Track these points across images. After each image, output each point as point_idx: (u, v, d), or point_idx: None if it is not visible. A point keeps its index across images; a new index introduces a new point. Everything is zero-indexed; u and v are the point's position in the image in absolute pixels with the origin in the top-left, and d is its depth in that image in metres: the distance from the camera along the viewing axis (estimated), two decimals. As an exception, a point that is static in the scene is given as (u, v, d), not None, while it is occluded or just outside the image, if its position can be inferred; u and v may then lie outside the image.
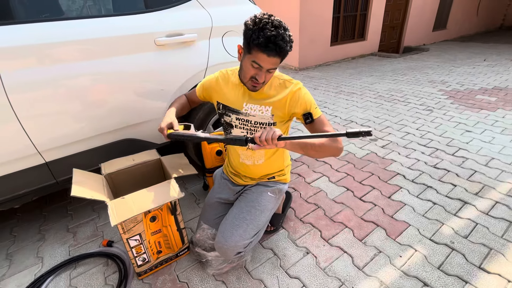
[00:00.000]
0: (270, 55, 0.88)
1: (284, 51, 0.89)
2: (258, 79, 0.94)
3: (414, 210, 1.51)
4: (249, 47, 0.90)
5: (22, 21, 1.13)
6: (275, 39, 0.85)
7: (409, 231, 1.37)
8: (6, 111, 1.10)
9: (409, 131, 2.47)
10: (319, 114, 1.04)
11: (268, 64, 0.91)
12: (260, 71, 0.93)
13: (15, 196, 1.25)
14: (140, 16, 1.36)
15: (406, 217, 1.47)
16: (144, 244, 1.11)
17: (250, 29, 0.88)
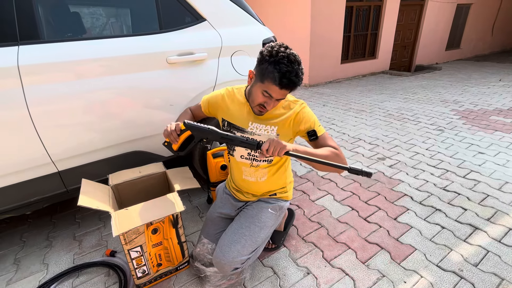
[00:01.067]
0: (283, 89, 0.92)
1: (296, 86, 0.94)
2: (266, 106, 0.99)
3: (421, 234, 1.46)
4: (262, 77, 0.94)
5: (46, 41, 1.23)
6: (289, 75, 0.89)
7: (415, 256, 1.32)
8: (26, 123, 1.18)
9: (418, 151, 2.43)
10: (322, 131, 1.08)
11: (279, 95, 0.96)
12: (270, 100, 0.98)
13: (28, 202, 1.31)
14: (154, 36, 1.45)
15: (413, 240, 1.42)
16: (144, 256, 1.13)
17: (266, 60, 0.91)
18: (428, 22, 6.74)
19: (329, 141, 1.06)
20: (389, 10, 5.83)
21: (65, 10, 1.55)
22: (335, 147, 1.05)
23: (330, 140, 1.07)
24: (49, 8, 1.38)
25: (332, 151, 1.01)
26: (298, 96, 4.73)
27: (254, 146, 0.92)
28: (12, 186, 1.23)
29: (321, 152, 1.00)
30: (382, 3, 5.75)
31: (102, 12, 1.66)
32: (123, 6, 1.69)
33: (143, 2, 1.48)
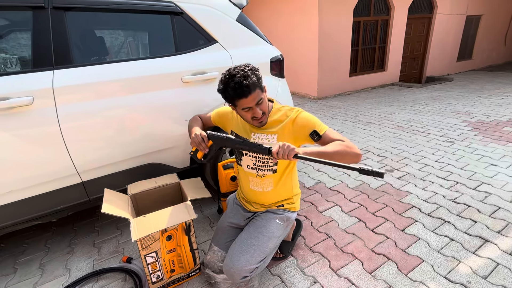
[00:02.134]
0: (247, 95, 1.03)
1: (251, 84, 1.02)
2: (256, 115, 1.09)
3: (428, 245, 1.47)
4: (231, 102, 1.09)
5: (76, 65, 1.38)
6: (240, 85, 1.01)
7: (422, 267, 1.33)
8: (57, 138, 1.32)
9: (427, 162, 2.43)
10: (325, 129, 1.11)
11: (252, 102, 1.05)
12: (252, 109, 1.08)
13: (55, 210, 1.43)
14: (171, 58, 1.59)
15: (420, 252, 1.43)
16: (159, 262, 1.21)
17: (222, 91, 1.08)
18: (437, 34, 6.76)
19: (334, 135, 1.08)
20: (397, 23, 5.92)
21: (92, 36, 1.73)
22: (341, 139, 1.06)
23: (335, 134, 1.09)
24: (79, 35, 1.55)
25: (340, 144, 1.03)
26: (308, 108, 4.83)
27: (266, 151, 1.00)
28: (42, 195, 1.36)
29: (331, 148, 1.01)
30: (389, 17, 5.85)
31: (124, 38, 1.84)
32: (143, 31, 1.86)
33: (161, 27, 1.64)
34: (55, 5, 1.32)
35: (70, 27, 1.38)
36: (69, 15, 1.38)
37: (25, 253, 1.62)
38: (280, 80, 1.98)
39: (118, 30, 1.77)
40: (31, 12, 1.29)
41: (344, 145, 1.03)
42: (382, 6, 5.72)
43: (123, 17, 1.60)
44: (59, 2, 1.33)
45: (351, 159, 1.02)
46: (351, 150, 1.02)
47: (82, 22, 1.53)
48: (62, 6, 1.34)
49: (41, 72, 1.29)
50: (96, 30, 1.81)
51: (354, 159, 1.03)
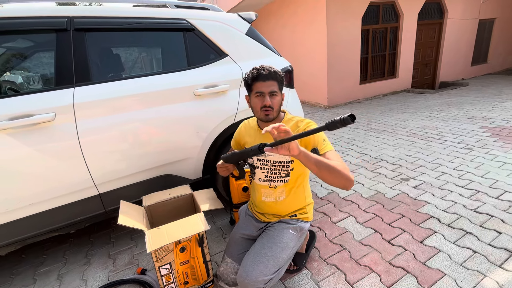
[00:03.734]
0: (264, 79, 1.10)
1: (272, 73, 1.11)
2: (265, 103, 1.12)
3: (450, 258, 1.40)
4: (249, 87, 1.17)
5: (94, 82, 1.45)
6: (262, 69, 1.12)
7: (444, 281, 1.27)
8: (76, 151, 1.37)
9: (445, 170, 2.35)
10: (326, 150, 1.09)
11: (267, 88, 1.11)
12: (264, 97, 1.12)
13: (73, 222, 1.47)
14: (183, 72, 1.64)
15: (441, 265, 1.36)
16: (173, 274, 1.21)
17: (246, 74, 1.17)
18: (449, 39, 6.66)
19: (333, 158, 1.05)
20: (407, 30, 5.88)
21: (109, 54, 1.82)
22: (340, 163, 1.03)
23: (336, 157, 1.06)
24: (97, 53, 1.64)
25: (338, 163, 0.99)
26: (318, 117, 4.81)
27: (256, 149, 0.96)
28: (62, 207, 1.41)
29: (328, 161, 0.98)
30: (399, 25, 5.83)
31: (138, 54, 1.92)
32: (156, 47, 1.94)
33: (174, 43, 1.70)
34: (77, 27, 1.41)
35: (89, 47, 1.46)
36: (89, 35, 1.46)
37: (44, 264, 1.67)
38: (290, 90, 2.00)
39: (133, 47, 1.87)
40: (55, 34, 1.38)
41: (341, 166, 0.99)
42: (391, 14, 5.72)
43: (138, 35, 1.69)
44: (80, 25, 1.42)
45: (344, 182, 0.98)
46: (346, 173, 0.98)
47: (101, 41, 1.62)
48: (83, 28, 1.42)
49: (63, 90, 1.36)
50: (112, 48, 1.90)
51: (346, 183, 0.98)
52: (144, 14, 1.58)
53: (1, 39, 1.56)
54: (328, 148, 1.10)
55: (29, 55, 1.78)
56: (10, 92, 1.75)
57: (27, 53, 1.79)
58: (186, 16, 1.68)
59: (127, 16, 1.54)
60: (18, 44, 1.68)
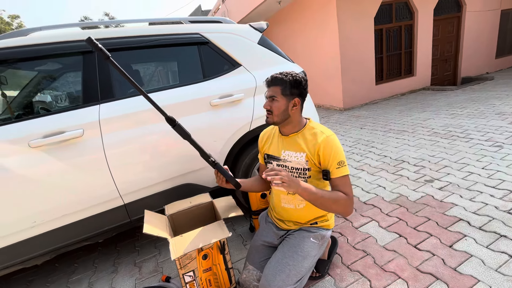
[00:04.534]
0: (268, 85, 1.19)
1: (274, 78, 1.16)
2: (265, 107, 1.19)
3: (483, 263, 1.32)
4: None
5: (117, 98, 1.53)
6: (273, 75, 1.17)
7: (478, 288, 1.20)
8: (103, 164, 1.45)
9: (472, 170, 2.23)
10: (338, 175, 1.11)
11: (269, 92, 1.18)
12: (267, 101, 1.20)
13: (102, 231, 1.55)
14: (199, 84, 1.70)
15: (474, 271, 1.29)
16: (196, 281, 1.23)
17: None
18: (469, 33, 6.38)
19: (342, 186, 1.11)
20: (422, 27, 5.72)
21: (129, 71, 1.92)
22: (347, 193, 1.11)
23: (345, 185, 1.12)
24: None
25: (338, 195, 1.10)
26: (334, 120, 4.75)
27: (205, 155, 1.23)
28: (91, 217, 1.49)
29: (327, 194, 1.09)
30: (413, 22, 5.68)
31: (156, 69, 2.02)
32: (173, 61, 2.03)
33: (190, 57, 1.77)
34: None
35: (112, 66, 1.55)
36: (112, 55, 1.56)
37: (76, 272, 1.76)
38: (304, 95, 2.00)
39: (152, 62, 1.97)
40: (82, 56, 1.49)
41: (337, 200, 1.09)
42: (405, 11, 5.60)
43: (156, 51, 1.77)
44: (104, 46, 1.51)
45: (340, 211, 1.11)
46: (340, 208, 1.10)
47: (122, 60, 1.72)
48: (106, 49, 1.52)
49: (90, 107, 1.45)
50: (133, 65, 2.01)
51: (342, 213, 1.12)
52: (161, 31, 1.67)
53: (34, 64, 1.70)
54: (339, 174, 1.11)
55: (59, 76, 1.93)
56: (42, 111, 1.90)
57: (57, 74, 1.93)
58: (200, 30, 1.75)
59: (145, 34, 1.63)
60: (49, 66, 1.82)
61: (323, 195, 1.07)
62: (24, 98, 1.97)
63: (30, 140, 1.31)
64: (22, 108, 1.91)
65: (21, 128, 1.34)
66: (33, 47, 1.42)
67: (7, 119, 1.84)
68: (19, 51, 1.39)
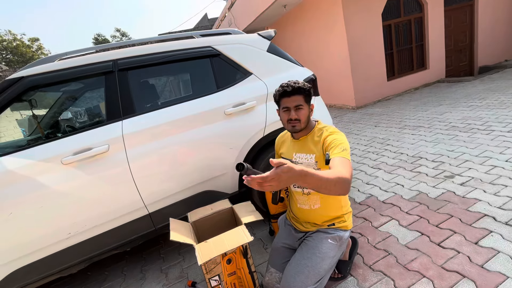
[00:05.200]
0: (289, 95, 1.20)
1: (297, 88, 1.18)
2: (291, 117, 1.20)
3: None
4: (277, 102, 1.27)
5: (137, 113, 1.62)
6: (287, 85, 1.20)
7: (507, 285, 1.17)
8: (127, 176, 1.54)
9: (495, 163, 2.16)
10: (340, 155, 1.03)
11: (292, 102, 1.20)
12: (290, 111, 1.21)
13: (129, 240, 1.64)
14: (213, 95, 1.77)
15: (503, 267, 1.26)
16: (222, 285, 1.28)
17: (274, 95, 1.28)
18: (484, 21, 6.16)
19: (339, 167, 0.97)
20: (433, 18, 5.58)
21: (147, 87, 2.03)
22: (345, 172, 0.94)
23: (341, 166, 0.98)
24: (138, 87, 1.83)
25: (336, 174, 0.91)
26: (347, 119, 4.72)
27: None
28: (119, 227, 1.58)
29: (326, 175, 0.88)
30: (423, 14, 5.56)
31: (173, 83, 2.11)
32: (188, 75, 2.12)
33: (203, 70, 1.85)
34: (120, 68, 1.61)
35: (131, 83, 1.65)
36: (130, 73, 1.66)
37: (107, 280, 1.86)
38: (315, 98, 2.03)
39: (168, 77, 2.07)
40: (104, 76, 1.60)
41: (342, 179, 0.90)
42: (414, 4, 5.50)
43: (171, 66, 1.86)
44: (123, 65, 1.62)
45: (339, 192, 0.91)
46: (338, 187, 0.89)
47: (140, 76, 1.83)
48: (125, 68, 1.63)
49: (113, 123, 1.55)
50: (150, 80, 2.12)
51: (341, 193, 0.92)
52: (174, 47, 1.76)
53: (61, 86, 1.84)
54: (341, 155, 1.03)
55: (84, 96, 2.06)
56: (69, 129, 2.03)
57: (81, 94, 2.07)
58: (211, 43, 1.83)
59: (160, 51, 1.72)
60: (75, 86, 1.95)
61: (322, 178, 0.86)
62: (51, 118, 2.12)
63: (62, 158, 1.42)
64: (52, 128, 2.06)
65: (54, 147, 1.45)
66: (60, 72, 1.54)
67: (39, 138, 1.99)
68: (48, 76, 1.52)
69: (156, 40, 1.93)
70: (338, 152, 1.05)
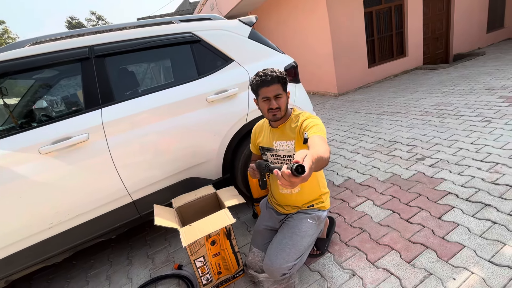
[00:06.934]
0: (268, 85, 1.20)
1: (276, 77, 1.20)
2: (272, 106, 1.22)
3: (469, 231, 1.44)
4: (255, 92, 1.26)
5: (116, 101, 1.59)
6: (265, 75, 1.20)
7: (464, 253, 1.31)
8: (109, 164, 1.54)
9: (462, 146, 2.33)
10: (312, 134, 1.07)
11: (272, 92, 1.21)
12: (270, 100, 1.22)
13: (114, 228, 1.65)
14: (195, 82, 1.77)
15: (460, 238, 1.41)
16: (207, 265, 1.35)
17: (251, 80, 1.27)
18: (460, 9, 6.37)
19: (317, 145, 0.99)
20: (412, 6, 5.70)
21: (127, 74, 1.98)
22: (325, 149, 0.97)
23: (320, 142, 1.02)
24: (117, 74, 1.79)
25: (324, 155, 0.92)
26: (329, 106, 4.82)
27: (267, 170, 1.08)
28: (103, 216, 1.58)
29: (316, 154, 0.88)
30: (403, 2, 5.66)
31: (153, 70, 2.07)
32: (168, 62, 2.08)
33: (183, 56, 1.83)
34: (97, 54, 1.57)
35: (109, 70, 1.61)
36: (108, 60, 1.62)
37: (93, 267, 1.87)
38: (297, 85, 2.07)
39: (147, 64, 2.01)
40: (79, 63, 1.55)
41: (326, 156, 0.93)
42: (394, -8, 5.57)
43: (150, 53, 1.82)
44: (100, 52, 1.57)
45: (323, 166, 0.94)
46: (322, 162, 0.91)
47: (118, 63, 1.78)
48: (103, 54, 1.58)
49: (92, 112, 1.53)
50: (129, 68, 2.07)
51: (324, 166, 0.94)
52: (153, 33, 1.72)
53: (33, 73, 1.76)
54: (319, 133, 1.08)
55: (60, 83, 1.98)
56: (45, 118, 1.97)
57: (59, 81, 1.99)
58: (191, 29, 1.80)
59: (139, 37, 1.68)
60: (49, 74, 1.87)
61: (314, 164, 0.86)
62: (25, 107, 2.03)
63: (40, 148, 1.39)
64: (26, 117, 1.98)
65: (30, 137, 1.42)
66: (31, 58, 1.47)
67: (12, 128, 1.91)
68: (18, 63, 1.45)
69: (134, 25, 1.87)
70: (315, 131, 1.10)
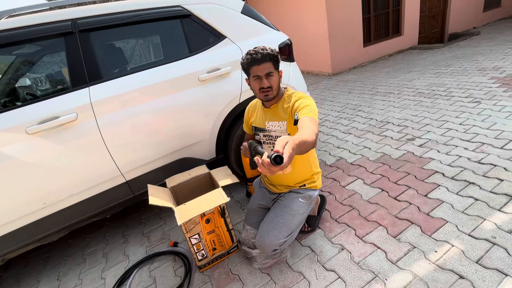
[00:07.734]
0: (259, 63, 1.17)
1: (266, 55, 1.16)
2: (263, 85, 1.19)
3: (452, 207, 1.51)
4: (246, 71, 1.23)
5: (105, 79, 1.54)
6: (255, 53, 1.17)
7: (446, 228, 1.39)
8: (100, 144, 1.51)
9: (451, 127, 2.38)
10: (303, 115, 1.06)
11: (262, 70, 1.18)
12: (261, 79, 1.19)
13: (108, 208, 1.66)
14: (186, 60, 1.71)
15: (444, 214, 1.48)
16: (202, 242, 1.39)
17: (242, 59, 1.24)
18: (458, -15, 6.21)
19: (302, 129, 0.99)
20: (410, -18, 5.52)
21: (114, 50, 1.89)
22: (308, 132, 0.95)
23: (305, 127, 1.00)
24: (104, 51, 1.71)
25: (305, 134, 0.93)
26: (323, 86, 4.79)
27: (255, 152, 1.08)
28: (96, 196, 1.59)
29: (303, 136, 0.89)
30: (402, -23, 5.47)
31: (142, 47, 1.98)
32: (158, 38, 1.99)
33: (173, 32, 1.75)
34: (81, 29, 1.48)
35: (95, 46, 1.54)
36: (93, 35, 1.53)
37: (89, 245, 1.91)
38: (291, 64, 2.03)
39: (136, 40, 1.91)
40: (63, 38, 1.46)
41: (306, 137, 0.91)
42: (392, -34, 5.35)
43: (138, 28, 1.73)
44: (84, 26, 1.49)
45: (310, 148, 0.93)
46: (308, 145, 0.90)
47: (105, 39, 1.69)
48: (87, 28, 1.49)
49: (79, 90, 1.47)
50: (117, 44, 1.97)
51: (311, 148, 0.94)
52: (140, 6, 1.62)
53: (12, 49, 1.66)
54: (309, 115, 1.07)
55: (43, 60, 1.88)
56: (29, 97, 1.89)
57: (41, 58, 1.89)
58: (181, 3, 1.71)
59: (125, 10, 1.59)
60: (30, 49, 1.77)
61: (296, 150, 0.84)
62: (7, 85, 1.94)
63: (26, 127, 1.35)
64: (8, 96, 1.89)
65: (15, 116, 1.36)
66: (9, 32, 1.38)
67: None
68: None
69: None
70: (306, 112, 1.09)
